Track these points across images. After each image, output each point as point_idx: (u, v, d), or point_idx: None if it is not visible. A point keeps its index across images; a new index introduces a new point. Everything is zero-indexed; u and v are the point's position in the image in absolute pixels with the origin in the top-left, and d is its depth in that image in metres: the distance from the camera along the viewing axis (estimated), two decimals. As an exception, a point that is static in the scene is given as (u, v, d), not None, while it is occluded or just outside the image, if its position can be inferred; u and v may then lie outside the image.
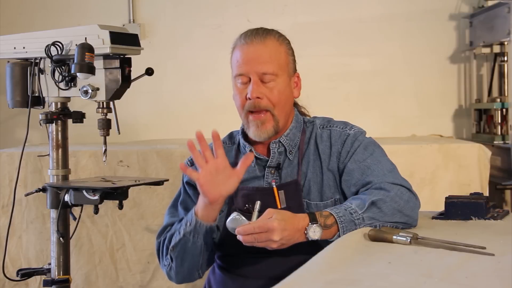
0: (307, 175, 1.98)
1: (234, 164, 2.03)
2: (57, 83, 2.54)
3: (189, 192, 2.08)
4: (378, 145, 2.02)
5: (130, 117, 4.56)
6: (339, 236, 1.77)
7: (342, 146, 1.99)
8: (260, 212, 1.77)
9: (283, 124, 2.00)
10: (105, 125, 2.51)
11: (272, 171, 2.01)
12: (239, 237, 1.73)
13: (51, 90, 2.57)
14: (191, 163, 2.09)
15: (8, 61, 2.65)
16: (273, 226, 1.70)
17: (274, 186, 1.97)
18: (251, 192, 1.99)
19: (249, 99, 1.94)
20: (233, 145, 2.10)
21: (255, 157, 2.01)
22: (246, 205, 1.96)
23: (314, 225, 1.75)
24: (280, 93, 1.97)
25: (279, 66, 1.97)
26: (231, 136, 2.14)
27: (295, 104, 2.12)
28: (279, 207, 1.94)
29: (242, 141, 2.05)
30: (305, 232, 1.75)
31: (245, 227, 1.72)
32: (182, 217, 2.01)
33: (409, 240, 1.64)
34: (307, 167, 1.99)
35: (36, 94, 2.60)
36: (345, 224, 1.77)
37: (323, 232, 1.75)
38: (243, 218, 1.77)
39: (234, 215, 1.78)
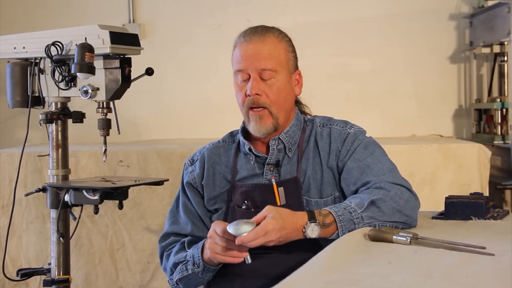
0: (306, 172, 1.98)
1: (233, 162, 2.04)
2: (57, 83, 2.54)
3: (188, 194, 2.08)
4: (378, 144, 2.02)
5: (130, 117, 4.57)
6: (337, 234, 1.76)
7: (342, 144, 1.98)
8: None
9: (283, 121, 2.00)
10: (105, 125, 2.51)
11: (271, 168, 2.00)
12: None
13: (51, 90, 2.57)
14: (191, 163, 2.11)
15: (8, 61, 2.65)
16: (270, 229, 1.69)
17: (274, 182, 1.97)
18: (250, 189, 1.98)
19: (249, 95, 1.95)
20: (233, 144, 2.10)
21: (254, 154, 2.02)
22: (245, 202, 1.96)
23: (313, 223, 1.74)
24: (279, 91, 1.96)
25: (279, 62, 1.96)
26: (231, 134, 2.14)
27: (297, 102, 2.12)
28: (279, 204, 1.94)
29: (241, 139, 2.05)
30: (303, 230, 1.74)
31: (244, 237, 1.69)
32: (184, 241, 2.04)
33: (409, 240, 1.63)
34: (307, 164, 1.99)
35: (36, 94, 2.60)
36: (344, 223, 1.76)
37: (322, 230, 1.75)
38: None
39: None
